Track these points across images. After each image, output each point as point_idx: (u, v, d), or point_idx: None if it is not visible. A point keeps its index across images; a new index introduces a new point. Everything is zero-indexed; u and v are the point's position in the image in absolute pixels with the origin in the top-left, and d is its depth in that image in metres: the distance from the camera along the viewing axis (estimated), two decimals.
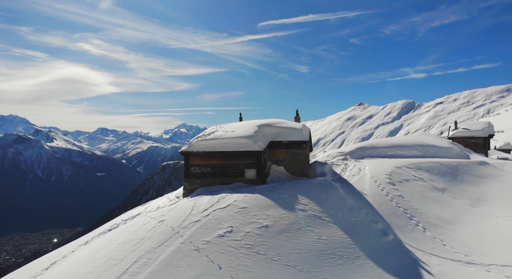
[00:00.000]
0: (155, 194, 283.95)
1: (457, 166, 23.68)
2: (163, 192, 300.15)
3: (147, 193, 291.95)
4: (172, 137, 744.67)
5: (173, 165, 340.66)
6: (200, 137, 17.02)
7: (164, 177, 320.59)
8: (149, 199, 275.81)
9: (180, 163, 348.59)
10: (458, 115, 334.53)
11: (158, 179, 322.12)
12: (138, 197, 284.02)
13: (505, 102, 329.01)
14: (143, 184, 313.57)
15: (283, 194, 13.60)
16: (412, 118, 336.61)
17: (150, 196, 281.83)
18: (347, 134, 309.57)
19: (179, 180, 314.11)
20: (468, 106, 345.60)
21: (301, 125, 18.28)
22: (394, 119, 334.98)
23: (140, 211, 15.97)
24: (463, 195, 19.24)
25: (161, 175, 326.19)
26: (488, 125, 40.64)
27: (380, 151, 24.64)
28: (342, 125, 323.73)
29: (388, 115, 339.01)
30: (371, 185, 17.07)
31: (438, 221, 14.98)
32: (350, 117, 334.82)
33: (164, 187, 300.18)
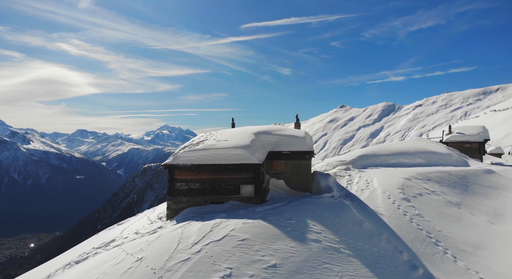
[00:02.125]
0: (136, 197, 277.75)
1: (466, 175, 21.88)
2: (144, 196, 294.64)
3: (128, 196, 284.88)
4: (153, 139, 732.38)
5: (154, 168, 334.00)
6: (188, 147, 14.49)
7: (146, 180, 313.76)
8: (130, 202, 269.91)
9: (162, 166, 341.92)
10: (436, 118, 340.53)
11: (139, 182, 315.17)
12: (119, 201, 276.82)
13: (482, 105, 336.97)
14: (124, 187, 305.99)
15: (290, 220, 11.24)
16: (392, 120, 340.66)
17: (131, 199, 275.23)
18: (329, 136, 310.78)
19: (161, 182, 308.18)
20: (446, 108, 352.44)
21: (303, 133, 15.98)
22: (375, 121, 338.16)
23: (115, 237, 13.31)
24: (480, 210, 17.38)
25: (143, 178, 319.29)
26: (483, 129, 39.44)
27: (383, 160, 22.63)
28: (325, 127, 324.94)
29: (369, 117, 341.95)
30: (385, 202, 14.92)
31: (466, 245, 12.94)
32: (332, 119, 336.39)
33: (146, 190, 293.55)
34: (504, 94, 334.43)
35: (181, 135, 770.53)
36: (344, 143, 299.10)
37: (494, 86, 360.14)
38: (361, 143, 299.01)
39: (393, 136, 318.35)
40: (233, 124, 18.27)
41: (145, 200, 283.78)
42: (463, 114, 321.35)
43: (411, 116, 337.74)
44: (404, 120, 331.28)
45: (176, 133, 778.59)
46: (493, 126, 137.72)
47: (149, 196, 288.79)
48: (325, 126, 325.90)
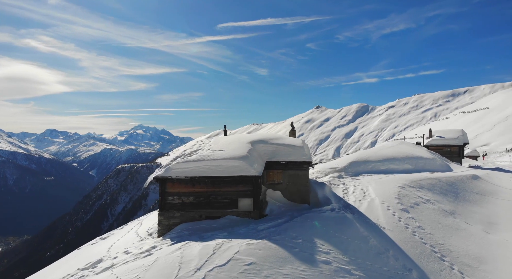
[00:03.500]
0: (109, 199, 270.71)
1: (455, 182, 21.95)
2: (117, 197, 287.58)
3: (101, 198, 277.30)
4: (127, 139, 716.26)
5: (128, 168, 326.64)
6: (180, 158, 13.55)
7: (119, 181, 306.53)
8: (103, 204, 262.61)
9: (136, 166, 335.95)
10: (408, 118, 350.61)
11: (112, 183, 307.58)
12: (91, 203, 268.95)
13: (451, 106, 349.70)
14: (96, 188, 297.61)
15: (296, 239, 10.54)
16: (366, 121, 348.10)
17: (104, 201, 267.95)
18: (306, 136, 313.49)
19: (135, 184, 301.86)
20: (417, 109, 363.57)
21: (300, 142, 15.35)
22: (349, 121, 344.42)
23: (102, 256, 12.20)
24: (473, 218, 17.33)
25: (116, 179, 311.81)
26: (462, 133, 40.22)
27: (373, 166, 22.38)
28: (301, 127, 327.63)
29: (344, 118, 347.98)
30: (385, 214, 14.50)
31: (469, 259, 12.68)
32: (309, 120, 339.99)
33: (119, 191, 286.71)
34: (472, 96, 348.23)
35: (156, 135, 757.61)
36: (320, 143, 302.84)
37: (462, 88, 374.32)
38: (336, 143, 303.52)
39: (366, 136, 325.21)
40: (225, 132, 17.39)
41: (118, 202, 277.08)
42: (433, 115, 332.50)
43: (384, 117, 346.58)
44: (377, 120, 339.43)
45: (151, 133, 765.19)
46: (463, 127, 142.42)
47: (122, 198, 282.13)
48: (301, 126, 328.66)
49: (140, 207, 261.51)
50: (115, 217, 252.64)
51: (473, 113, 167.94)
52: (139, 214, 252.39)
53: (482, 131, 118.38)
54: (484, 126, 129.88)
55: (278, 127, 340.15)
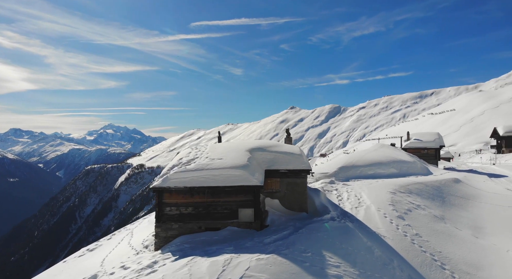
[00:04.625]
0: (78, 201, 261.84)
1: (440, 186, 22.49)
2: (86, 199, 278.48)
3: (69, 199, 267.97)
4: (97, 139, 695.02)
5: (98, 169, 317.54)
6: (177, 167, 13.01)
7: (88, 182, 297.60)
8: (71, 206, 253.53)
9: (106, 167, 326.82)
10: (378, 119, 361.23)
11: (81, 184, 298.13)
12: (58, 205, 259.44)
13: (418, 108, 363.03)
14: (64, 190, 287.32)
15: (305, 252, 10.30)
16: (338, 122, 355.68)
17: (72, 203, 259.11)
18: (281, 136, 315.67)
19: (105, 185, 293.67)
20: (387, 110, 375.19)
21: (298, 149, 15.16)
22: (322, 122, 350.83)
23: (96, 271, 11.48)
24: (462, 223, 17.75)
25: (85, 180, 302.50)
26: (438, 136, 41.51)
27: (361, 171, 22.59)
28: (276, 127, 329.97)
29: (317, 118, 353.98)
30: (383, 222, 14.55)
31: (467, 266, 12.89)
32: (283, 120, 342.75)
33: (88, 193, 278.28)
34: (438, 98, 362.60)
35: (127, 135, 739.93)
36: (295, 143, 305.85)
37: (429, 90, 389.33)
38: (310, 143, 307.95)
39: (339, 136, 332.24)
40: (219, 138, 16.95)
41: (87, 203, 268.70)
42: (402, 116, 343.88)
43: (355, 118, 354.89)
44: (349, 121, 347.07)
45: (121, 133, 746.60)
46: (431, 128, 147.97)
47: (92, 200, 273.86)
48: (276, 126, 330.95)
49: (110, 209, 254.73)
50: (84, 220, 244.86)
51: (441, 115, 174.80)
52: (109, 216, 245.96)
53: (449, 132, 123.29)
54: (451, 127, 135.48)
55: (253, 127, 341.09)
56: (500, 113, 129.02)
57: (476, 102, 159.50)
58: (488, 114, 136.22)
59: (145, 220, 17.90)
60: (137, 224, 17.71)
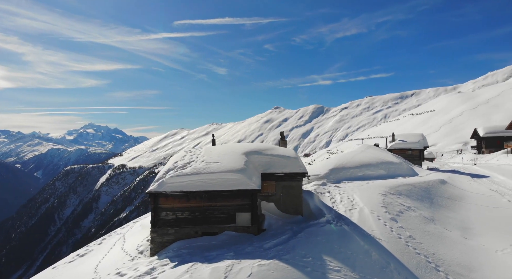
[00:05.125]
0: (57, 202, 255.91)
1: (427, 187, 22.93)
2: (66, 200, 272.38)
3: (47, 201, 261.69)
4: (77, 139, 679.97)
5: (78, 170, 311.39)
6: (173, 171, 12.81)
7: (68, 183, 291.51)
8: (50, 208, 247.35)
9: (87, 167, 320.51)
10: (360, 119, 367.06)
11: (60, 185, 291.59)
12: (37, 206, 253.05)
13: (399, 108, 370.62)
14: (42, 191, 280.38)
15: (306, 257, 10.29)
16: (321, 122, 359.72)
17: (50, 204, 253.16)
18: (265, 136, 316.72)
19: (85, 186, 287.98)
20: (368, 111, 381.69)
21: (294, 153, 15.16)
22: (306, 122, 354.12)
23: (91, 278, 11.19)
24: (451, 224, 18.12)
25: (64, 181, 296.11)
26: (422, 137, 42.36)
27: (351, 172, 22.82)
28: (261, 127, 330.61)
29: (301, 118, 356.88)
30: (377, 224, 14.71)
31: (460, 268, 13.15)
32: (268, 120, 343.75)
33: (68, 194, 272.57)
34: (418, 99, 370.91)
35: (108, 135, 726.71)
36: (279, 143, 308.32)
37: (409, 91, 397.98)
38: (294, 143, 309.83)
39: (322, 136, 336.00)
40: (213, 141, 16.78)
41: (67, 205, 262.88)
42: (383, 116, 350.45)
43: (338, 118, 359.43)
44: (331, 121, 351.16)
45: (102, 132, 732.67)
46: (412, 128, 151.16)
47: (72, 201, 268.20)
48: (261, 126, 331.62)
49: (91, 210, 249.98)
50: (63, 221, 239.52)
51: (421, 115, 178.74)
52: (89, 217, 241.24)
53: (429, 132, 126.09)
54: (431, 128, 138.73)
55: (238, 127, 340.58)
56: (478, 114, 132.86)
57: (455, 103, 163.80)
58: (466, 115, 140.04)
59: (136, 224, 17.57)
60: (128, 228, 17.35)
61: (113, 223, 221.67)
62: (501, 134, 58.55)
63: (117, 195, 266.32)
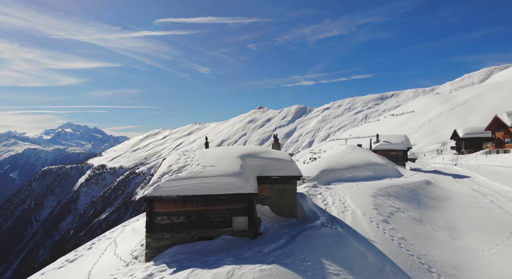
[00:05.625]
0: (34, 204, 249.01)
1: (414, 188, 23.42)
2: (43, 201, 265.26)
3: (24, 202, 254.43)
4: (54, 138, 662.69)
5: (56, 170, 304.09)
6: (168, 175, 12.63)
7: (45, 184, 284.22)
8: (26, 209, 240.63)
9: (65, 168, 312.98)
10: (342, 120, 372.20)
11: (37, 186, 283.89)
12: (13, 208, 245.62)
13: (379, 109, 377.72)
14: (19, 192, 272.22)
15: (305, 261, 10.31)
16: (304, 122, 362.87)
17: (27, 206, 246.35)
18: (248, 136, 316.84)
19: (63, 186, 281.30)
20: (350, 111, 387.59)
21: (288, 156, 15.19)
22: (289, 122, 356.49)
23: None
24: (438, 225, 18.54)
25: (41, 181, 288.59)
26: (405, 138, 43.23)
27: (341, 174, 23.08)
28: (244, 127, 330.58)
29: (284, 118, 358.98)
30: (370, 226, 14.91)
31: (451, 269, 13.46)
32: (251, 120, 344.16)
33: (45, 195, 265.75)
34: (398, 99, 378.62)
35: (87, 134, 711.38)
36: (262, 143, 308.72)
37: (389, 92, 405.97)
38: None
39: (304, 136, 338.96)
40: (206, 144, 16.63)
41: (44, 206, 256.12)
42: (364, 117, 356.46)
43: (320, 118, 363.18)
44: (314, 121, 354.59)
45: (81, 132, 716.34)
46: (392, 129, 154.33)
47: (49, 202, 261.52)
48: (244, 126, 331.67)
49: (69, 211, 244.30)
50: (41, 223, 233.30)
51: (401, 116, 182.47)
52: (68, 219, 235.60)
53: (409, 133, 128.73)
54: (411, 128, 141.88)
55: (221, 127, 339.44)
56: (455, 115, 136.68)
57: (433, 104, 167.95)
58: (445, 115, 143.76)
59: (127, 227, 17.24)
60: (118, 232, 17.01)
61: (93, 225, 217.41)
62: (480, 135, 60.40)
63: (96, 196, 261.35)
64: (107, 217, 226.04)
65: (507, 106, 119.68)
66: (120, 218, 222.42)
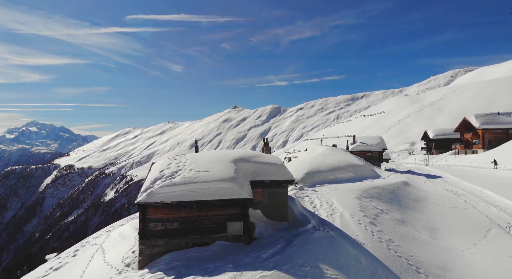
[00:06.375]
0: None
1: (394, 190, 24.11)
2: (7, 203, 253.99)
3: None
4: (18, 137, 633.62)
5: (20, 171, 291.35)
6: (161, 180, 12.39)
7: (8, 185, 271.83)
8: None
9: (29, 168, 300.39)
10: (315, 120, 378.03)
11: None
12: None
13: (350, 109, 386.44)
14: None
15: (304, 266, 10.41)
16: (278, 122, 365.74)
17: None
18: (223, 135, 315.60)
19: (28, 188, 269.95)
20: (322, 112, 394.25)
21: (280, 160, 15.26)
22: (264, 122, 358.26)
23: None
24: (420, 226, 19.17)
25: (4, 182, 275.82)
26: (381, 139, 44.44)
27: (324, 176, 23.45)
28: (219, 126, 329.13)
29: (259, 118, 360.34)
30: (359, 229, 15.22)
31: (436, 269, 13.95)
32: (226, 119, 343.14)
33: (9, 197, 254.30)
34: (368, 100, 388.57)
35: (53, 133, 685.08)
36: (237, 143, 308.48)
37: (360, 93, 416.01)
38: (252, 143, 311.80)
39: (279, 136, 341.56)
40: (196, 148, 16.40)
41: (7, 208, 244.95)
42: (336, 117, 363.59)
43: (294, 118, 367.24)
44: (288, 121, 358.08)
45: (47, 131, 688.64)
46: (363, 129, 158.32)
47: (13, 204, 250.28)
48: (219, 125, 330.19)
49: (34, 213, 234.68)
50: (4, 226, 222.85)
51: (372, 117, 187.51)
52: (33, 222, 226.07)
53: (379, 133, 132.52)
54: (381, 129, 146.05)
55: (195, 126, 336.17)
56: (423, 116, 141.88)
57: (402, 106, 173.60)
58: (413, 116, 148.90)
59: (112, 233, 16.76)
60: (104, 238, 16.50)
61: (59, 227, 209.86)
62: (449, 136, 63.06)
63: (63, 197, 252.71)
64: (75, 219, 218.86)
65: (471, 107, 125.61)
66: (89, 220, 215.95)
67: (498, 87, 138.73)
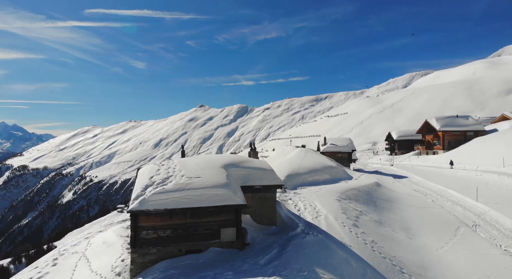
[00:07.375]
0: None
1: (368, 191, 24.96)
2: None
3: None
4: None
5: None
6: (152, 187, 12.12)
7: None
8: None
9: None
10: (281, 120, 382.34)
11: None
12: None
13: (315, 110, 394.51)
14: None
15: (301, 271, 10.59)
16: (245, 121, 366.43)
17: None
18: (189, 135, 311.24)
19: None
20: (288, 112, 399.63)
21: (268, 165, 15.38)
22: (231, 121, 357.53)
23: None
24: (395, 226, 19.98)
25: None
26: (350, 141, 45.79)
27: (303, 178, 23.88)
28: (185, 125, 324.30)
29: (226, 117, 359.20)
30: (344, 231, 15.65)
31: (417, 268, 14.63)
32: (192, 118, 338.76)
33: None
34: (331, 101, 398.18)
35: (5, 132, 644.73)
36: (204, 142, 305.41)
37: (323, 94, 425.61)
38: (219, 142, 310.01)
39: (246, 135, 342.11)
40: (183, 152, 16.10)
41: None
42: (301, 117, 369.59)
43: (261, 118, 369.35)
44: (255, 121, 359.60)
45: None
46: (327, 129, 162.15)
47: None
48: (185, 124, 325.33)
49: None
50: None
51: (335, 117, 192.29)
52: None
53: (343, 133, 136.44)
54: (345, 129, 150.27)
55: (159, 125, 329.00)
56: (384, 117, 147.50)
57: (364, 107, 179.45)
58: (374, 117, 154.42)
59: (93, 240, 16.13)
60: (84, 245, 15.85)
61: (13, 231, 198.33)
62: (412, 137, 66.14)
63: (17, 199, 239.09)
64: (29, 223, 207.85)
65: (428, 109, 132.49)
66: (44, 223, 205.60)
67: (452, 90, 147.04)
